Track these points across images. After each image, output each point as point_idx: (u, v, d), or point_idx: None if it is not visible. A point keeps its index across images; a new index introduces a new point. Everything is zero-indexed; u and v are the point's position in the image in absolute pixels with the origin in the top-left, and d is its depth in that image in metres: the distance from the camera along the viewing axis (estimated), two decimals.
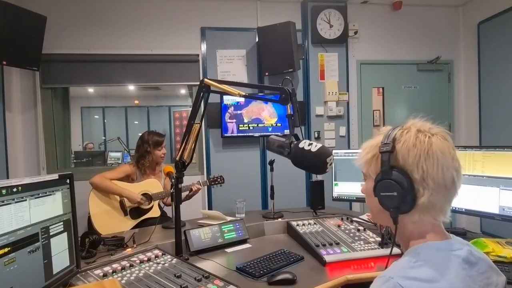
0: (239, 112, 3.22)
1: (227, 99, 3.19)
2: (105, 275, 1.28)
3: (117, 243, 1.68)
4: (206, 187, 3.27)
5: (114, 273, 1.29)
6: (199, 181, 2.52)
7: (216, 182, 2.61)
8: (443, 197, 0.70)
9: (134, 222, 2.36)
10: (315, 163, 1.17)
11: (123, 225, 2.30)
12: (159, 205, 2.52)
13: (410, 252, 0.71)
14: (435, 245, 0.70)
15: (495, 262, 0.79)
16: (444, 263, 0.66)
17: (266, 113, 3.27)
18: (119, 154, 5.18)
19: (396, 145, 0.71)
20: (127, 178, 2.46)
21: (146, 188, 2.42)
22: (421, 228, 0.73)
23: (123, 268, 1.34)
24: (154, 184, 2.47)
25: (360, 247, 1.61)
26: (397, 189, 0.70)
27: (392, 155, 0.72)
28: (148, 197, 2.40)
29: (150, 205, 2.42)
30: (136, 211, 2.39)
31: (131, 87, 5.66)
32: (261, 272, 1.40)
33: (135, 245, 1.66)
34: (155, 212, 2.44)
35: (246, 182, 3.31)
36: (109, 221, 2.28)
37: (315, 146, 1.17)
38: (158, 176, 2.59)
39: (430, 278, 0.63)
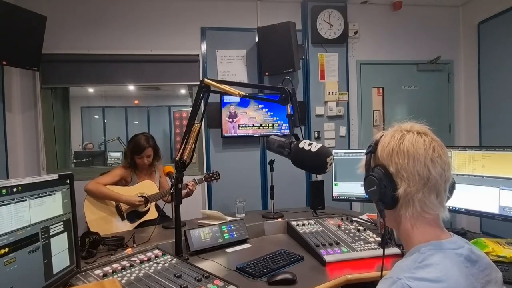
0: (239, 111, 3.22)
1: (227, 99, 3.19)
2: (105, 275, 1.28)
3: (117, 243, 1.68)
4: (206, 186, 3.27)
5: (114, 273, 1.29)
6: (194, 179, 2.43)
7: (212, 178, 2.51)
8: (423, 186, 0.72)
9: (132, 226, 2.32)
10: (315, 163, 1.17)
11: (121, 230, 2.27)
12: (156, 205, 2.50)
13: (413, 252, 0.72)
14: (437, 244, 0.71)
15: (495, 262, 0.80)
16: (449, 262, 0.67)
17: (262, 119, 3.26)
18: (119, 154, 5.18)
19: (378, 147, 0.79)
20: (122, 181, 2.43)
21: (142, 190, 2.38)
22: (417, 224, 0.74)
23: (123, 268, 1.34)
24: (149, 186, 2.42)
25: (360, 247, 1.61)
26: (376, 183, 0.76)
27: (374, 155, 0.80)
28: (145, 199, 2.35)
29: (147, 207, 2.39)
30: (133, 215, 2.36)
31: (131, 87, 5.65)
32: (261, 272, 1.40)
33: (135, 245, 1.66)
34: (152, 214, 2.41)
35: (246, 182, 3.31)
36: (106, 227, 2.23)
37: (315, 146, 1.17)
38: (152, 177, 2.53)
39: (436, 278, 0.63)
